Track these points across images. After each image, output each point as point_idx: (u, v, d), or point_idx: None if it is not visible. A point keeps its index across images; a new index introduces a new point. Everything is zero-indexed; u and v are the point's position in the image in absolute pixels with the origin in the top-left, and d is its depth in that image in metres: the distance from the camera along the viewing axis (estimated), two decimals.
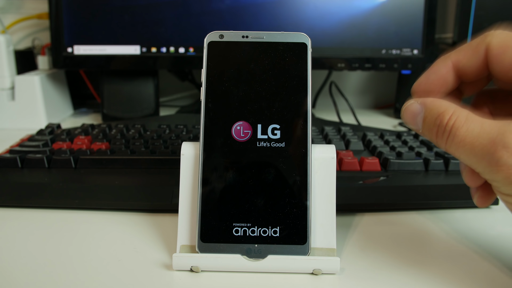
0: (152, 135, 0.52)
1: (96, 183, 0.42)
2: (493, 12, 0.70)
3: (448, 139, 0.26)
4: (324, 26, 0.65)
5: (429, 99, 0.28)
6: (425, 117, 0.27)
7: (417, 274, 0.30)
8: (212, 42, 0.32)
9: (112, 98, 0.70)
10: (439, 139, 0.27)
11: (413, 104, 0.28)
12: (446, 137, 0.26)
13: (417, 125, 0.28)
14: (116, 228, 0.36)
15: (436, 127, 0.26)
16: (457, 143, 0.25)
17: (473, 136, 0.25)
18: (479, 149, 0.24)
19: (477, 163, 0.25)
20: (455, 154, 0.26)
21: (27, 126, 0.68)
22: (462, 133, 0.25)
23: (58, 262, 0.31)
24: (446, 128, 0.26)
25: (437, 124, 0.26)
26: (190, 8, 0.64)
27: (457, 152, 0.26)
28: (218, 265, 0.30)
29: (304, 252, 0.30)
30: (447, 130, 0.26)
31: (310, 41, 0.32)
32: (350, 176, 0.42)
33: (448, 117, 0.26)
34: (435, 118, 0.27)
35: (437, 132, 0.27)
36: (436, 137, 0.27)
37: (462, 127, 0.25)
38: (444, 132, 0.26)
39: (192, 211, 0.31)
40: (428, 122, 0.27)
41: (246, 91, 0.31)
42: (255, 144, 0.31)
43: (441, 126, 0.26)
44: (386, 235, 0.36)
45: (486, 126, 0.25)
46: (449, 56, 0.28)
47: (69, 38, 0.66)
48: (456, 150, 0.26)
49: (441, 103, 0.27)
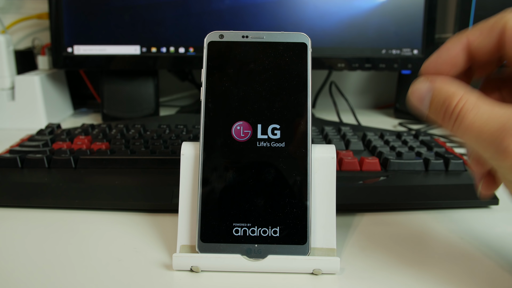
0: (152, 135, 0.52)
1: (96, 183, 0.42)
2: (493, 12, 0.70)
3: (456, 122, 0.25)
4: (324, 26, 0.65)
5: (438, 80, 0.27)
6: (433, 99, 0.26)
7: (417, 274, 0.30)
8: (212, 42, 0.32)
9: (112, 98, 0.70)
10: (446, 122, 0.26)
11: (422, 84, 0.27)
12: (453, 121, 0.25)
13: (424, 107, 0.27)
14: (116, 228, 0.36)
15: (444, 110, 0.26)
16: (465, 127, 0.25)
17: (481, 121, 0.24)
18: (487, 135, 0.24)
19: (484, 148, 0.24)
20: (462, 137, 0.26)
21: (27, 126, 0.68)
22: (471, 118, 0.24)
23: (58, 262, 0.31)
24: (454, 111, 0.25)
25: (445, 107, 0.26)
26: (190, 8, 0.64)
27: (464, 136, 0.25)
28: (218, 265, 0.30)
29: (304, 252, 0.30)
30: (455, 113, 0.25)
31: (310, 41, 0.32)
32: (350, 176, 0.42)
33: (457, 100, 0.25)
34: (443, 100, 0.26)
35: (444, 115, 0.26)
36: (442, 119, 0.26)
37: (471, 112, 0.25)
38: (452, 115, 0.25)
39: (192, 211, 0.31)
40: (436, 104, 0.26)
41: (246, 91, 0.31)
42: (255, 144, 0.31)
43: (448, 109, 0.25)
44: (386, 235, 0.36)
45: (495, 112, 0.24)
46: (462, 35, 0.27)
47: (69, 38, 0.66)
48: (463, 134, 0.25)
49: (450, 85, 0.26)
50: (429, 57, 0.28)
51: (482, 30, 0.26)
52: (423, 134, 0.53)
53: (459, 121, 0.25)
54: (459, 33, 0.27)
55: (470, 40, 0.27)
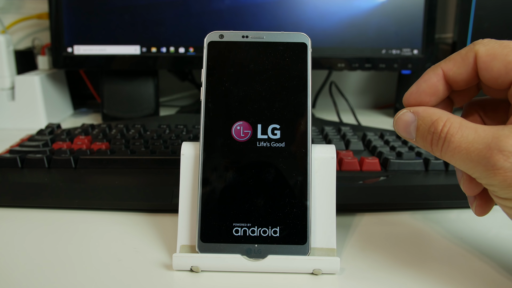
0: (152, 135, 0.52)
1: (96, 183, 0.42)
2: (493, 12, 0.70)
3: (444, 146, 0.26)
4: (324, 26, 0.65)
5: (421, 108, 0.28)
6: (419, 126, 0.27)
7: (417, 274, 0.30)
8: (212, 42, 0.32)
9: (112, 98, 0.70)
10: (434, 147, 0.27)
11: (406, 113, 0.28)
12: (441, 145, 0.26)
13: (410, 134, 0.28)
14: (116, 228, 0.36)
15: (431, 134, 0.27)
16: (453, 149, 0.26)
17: (468, 142, 0.25)
18: (475, 154, 0.25)
19: (474, 168, 0.25)
20: (450, 161, 0.26)
21: (27, 126, 0.68)
22: (457, 139, 0.25)
23: (58, 262, 0.31)
24: (441, 135, 0.26)
25: (432, 132, 0.27)
26: (190, 8, 0.64)
27: (453, 158, 0.26)
28: (218, 265, 0.30)
29: (304, 252, 0.30)
30: (442, 137, 0.26)
31: (310, 41, 0.32)
32: (350, 176, 0.42)
33: (442, 124, 0.26)
34: (429, 126, 0.27)
35: (431, 140, 0.27)
36: (431, 145, 0.27)
37: (457, 134, 0.25)
38: (439, 139, 0.26)
39: (192, 211, 0.31)
40: (422, 131, 0.27)
41: (246, 91, 0.31)
42: (255, 144, 0.31)
43: (435, 134, 0.26)
44: (386, 235, 0.36)
45: (480, 131, 0.25)
46: (439, 65, 0.28)
47: (69, 38, 0.66)
48: (452, 157, 0.26)
49: (434, 111, 0.27)
50: (408, 89, 0.29)
51: (456, 60, 0.27)
52: None
53: (446, 144, 0.26)
54: (433, 65, 0.28)
55: (445, 70, 0.27)
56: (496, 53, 0.25)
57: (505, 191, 0.25)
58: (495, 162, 0.24)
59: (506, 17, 0.70)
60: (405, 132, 0.28)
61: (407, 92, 0.29)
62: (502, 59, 0.25)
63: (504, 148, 0.24)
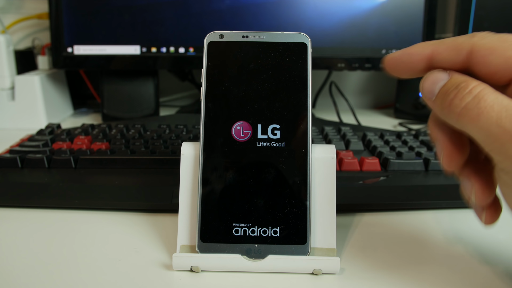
0: (152, 135, 0.52)
1: (96, 183, 0.42)
2: (493, 12, 0.70)
3: (470, 104, 0.23)
4: (324, 26, 0.65)
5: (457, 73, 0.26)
6: (448, 82, 0.25)
7: (417, 274, 0.30)
8: (212, 42, 0.32)
9: (112, 98, 0.70)
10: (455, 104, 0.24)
11: (440, 71, 0.26)
12: (466, 101, 0.24)
13: (432, 92, 0.26)
14: (116, 228, 0.36)
15: (457, 90, 0.24)
16: (482, 109, 0.23)
17: (502, 105, 0.23)
18: (508, 120, 0.22)
19: (498, 138, 0.23)
20: (471, 124, 0.23)
21: (27, 126, 0.68)
22: (491, 99, 0.23)
23: (57, 262, 0.31)
24: (473, 91, 0.23)
25: (460, 87, 0.24)
26: (190, 8, 0.64)
27: (476, 121, 0.23)
28: (218, 265, 0.30)
29: (304, 252, 0.30)
30: (472, 93, 0.23)
31: (310, 41, 0.32)
32: (350, 176, 0.42)
33: (475, 84, 0.24)
34: (460, 82, 0.24)
35: (456, 94, 0.24)
36: (452, 100, 0.24)
37: (492, 94, 0.23)
38: (466, 94, 0.24)
39: (192, 211, 0.31)
40: (449, 85, 0.25)
41: (246, 91, 0.31)
42: (255, 144, 0.31)
43: (463, 89, 0.24)
44: (386, 235, 0.36)
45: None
46: (430, 45, 0.26)
47: (69, 38, 0.66)
48: (476, 119, 0.23)
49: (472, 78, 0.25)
50: (392, 54, 0.27)
51: (449, 46, 0.26)
52: (423, 134, 0.53)
53: (475, 101, 0.23)
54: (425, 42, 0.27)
55: (435, 52, 0.26)
56: (495, 47, 0.24)
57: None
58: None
59: (506, 17, 0.70)
60: (429, 88, 0.26)
61: (389, 55, 0.27)
62: (501, 53, 0.24)
63: None
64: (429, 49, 0.26)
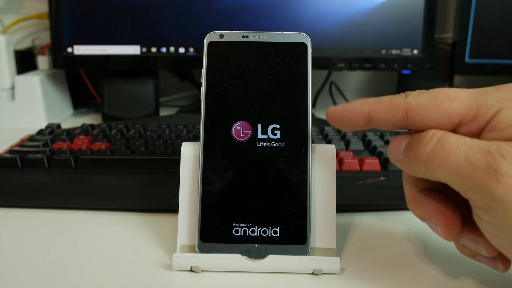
0: (152, 135, 0.52)
1: (96, 183, 0.42)
2: (493, 12, 0.70)
3: (435, 148, 0.24)
4: (324, 26, 0.65)
5: None
6: (411, 138, 0.26)
7: (417, 274, 0.30)
8: (212, 42, 0.32)
9: (112, 98, 0.70)
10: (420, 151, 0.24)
11: (403, 134, 0.27)
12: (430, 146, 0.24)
13: (399, 151, 0.26)
14: (116, 228, 0.36)
15: (419, 139, 0.25)
16: (448, 151, 0.23)
17: (466, 143, 0.23)
18: (475, 157, 0.22)
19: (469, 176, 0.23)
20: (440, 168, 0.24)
21: (27, 126, 0.68)
22: (454, 140, 0.23)
23: (57, 262, 0.31)
24: (434, 136, 0.24)
25: (421, 136, 0.25)
26: (190, 8, 0.64)
27: (445, 164, 0.23)
28: (218, 265, 0.30)
29: (304, 252, 0.30)
30: (434, 138, 0.24)
31: (310, 41, 0.32)
32: (350, 176, 0.42)
33: (435, 130, 0.25)
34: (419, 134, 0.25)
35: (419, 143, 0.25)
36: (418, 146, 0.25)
37: (453, 136, 0.24)
38: (429, 140, 0.24)
39: (192, 211, 0.31)
40: (412, 140, 0.26)
41: (246, 91, 0.31)
42: (255, 144, 0.31)
43: (424, 137, 0.25)
44: (386, 235, 0.36)
45: (476, 140, 0.23)
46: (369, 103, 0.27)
47: (69, 38, 0.66)
48: (444, 162, 0.23)
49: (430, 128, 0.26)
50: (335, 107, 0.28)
51: (386, 105, 0.27)
52: None
53: (439, 145, 0.24)
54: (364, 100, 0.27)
55: (372, 111, 0.27)
56: (429, 104, 0.25)
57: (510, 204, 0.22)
58: (498, 166, 0.22)
59: (506, 17, 0.70)
60: (396, 149, 0.27)
61: (332, 109, 0.28)
62: (436, 109, 0.25)
63: (506, 154, 0.22)
64: (366, 107, 0.27)
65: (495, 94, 0.25)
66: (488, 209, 0.23)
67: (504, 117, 0.23)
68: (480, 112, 0.24)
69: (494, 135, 0.24)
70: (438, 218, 0.26)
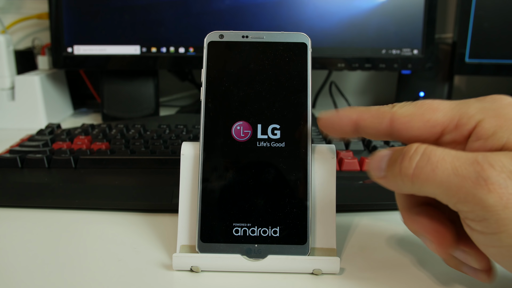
0: (152, 135, 0.52)
1: (96, 183, 0.42)
2: (493, 12, 0.70)
3: (420, 162, 0.23)
4: (324, 26, 0.65)
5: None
6: (392, 153, 0.26)
7: (417, 274, 0.30)
8: (212, 42, 0.32)
9: (112, 98, 0.71)
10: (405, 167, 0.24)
11: (381, 150, 0.27)
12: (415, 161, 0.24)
13: (380, 168, 0.26)
14: (116, 228, 0.36)
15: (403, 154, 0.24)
16: (434, 164, 0.23)
17: (452, 155, 0.23)
18: (463, 169, 0.22)
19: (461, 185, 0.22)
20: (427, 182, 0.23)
21: (27, 126, 0.68)
22: (440, 153, 0.23)
23: (57, 262, 0.31)
24: (418, 150, 0.24)
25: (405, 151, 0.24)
26: (190, 8, 0.64)
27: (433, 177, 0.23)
28: (218, 265, 0.30)
29: (304, 252, 0.30)
30: (418, 152, 0.24)
31: (310, 41, 0.32)
32: (350, 176, 0.42)
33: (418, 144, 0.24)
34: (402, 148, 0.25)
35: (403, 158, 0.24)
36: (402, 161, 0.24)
37: (438, 149, 0.23)
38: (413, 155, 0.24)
39: (192, 211, 0.31)
40: (394, 155, 0.25)
41: (246, 91, 0.31)
42: (255, 144, 0.31)
43: (408, 151, 0.24)
44: (386, 235, 0.36)
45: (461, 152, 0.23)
46: (357, 111, 0.28)
47: (69, 38, 0.66)
48: (431, 175, 0.23)
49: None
50: (325, 113, 0.29)
51: (373, 114, 0.27)
52: None
53: (424, 159, 0.23)
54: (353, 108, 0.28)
55: (360, 118, 0.28)
56: (414, 113, 0.26)
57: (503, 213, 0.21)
58: (488, 176, 0.21)
59: (506, 17, 0.70)
60: (376, 166, 0.26)
61: (322, 114, 0.29)
62: (419, 118, 0.26)
63: (495, 163, 0.22)
64: (355, 115, 0.28)
65: (476, 105, 0.25)
66: (480, 219, 0.22)
67: (488, 126, 0.24)
68: (461, 121, 0.25)
69: (480, 144, 0.24)
70: (432, 234, 0.26)
